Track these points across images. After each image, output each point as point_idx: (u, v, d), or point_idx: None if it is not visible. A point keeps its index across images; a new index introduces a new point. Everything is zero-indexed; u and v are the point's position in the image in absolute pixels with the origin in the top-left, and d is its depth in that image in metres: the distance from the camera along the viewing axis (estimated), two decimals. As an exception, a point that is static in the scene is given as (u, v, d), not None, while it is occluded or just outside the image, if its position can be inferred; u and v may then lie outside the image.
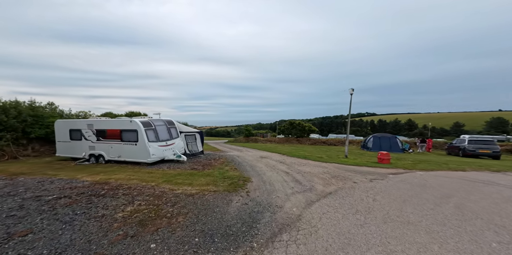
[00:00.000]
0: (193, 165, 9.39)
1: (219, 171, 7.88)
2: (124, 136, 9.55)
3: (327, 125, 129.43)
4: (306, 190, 5.74)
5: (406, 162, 11.10)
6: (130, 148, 9.48)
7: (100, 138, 9.99)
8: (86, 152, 10.29)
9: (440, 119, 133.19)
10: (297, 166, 9.52)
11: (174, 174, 7.26)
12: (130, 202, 4.38)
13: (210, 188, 5.56)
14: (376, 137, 19.87)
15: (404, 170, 8.63)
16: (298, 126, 30.48)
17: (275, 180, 6.80)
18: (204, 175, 7.22)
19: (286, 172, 8.15)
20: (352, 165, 9.91)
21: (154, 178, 6.70)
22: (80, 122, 10.50)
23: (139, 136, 9.24)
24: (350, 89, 12.96)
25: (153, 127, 9.88)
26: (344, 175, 7.67)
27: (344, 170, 8.61)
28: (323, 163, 10.59)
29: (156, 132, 9.90)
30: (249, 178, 6.97)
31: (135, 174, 7.25)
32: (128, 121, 9.43)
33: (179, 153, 10.75)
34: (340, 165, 10.00)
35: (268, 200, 4.87)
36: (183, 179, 6.48)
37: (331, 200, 4.82)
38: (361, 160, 11.93)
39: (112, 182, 6.11)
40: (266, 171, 8.37)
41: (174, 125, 11.45)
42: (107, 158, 9.90)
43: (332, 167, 9.55)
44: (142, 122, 9.47)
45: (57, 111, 13.59)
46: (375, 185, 6.11)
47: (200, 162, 10.30)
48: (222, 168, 8.72)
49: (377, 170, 8.69)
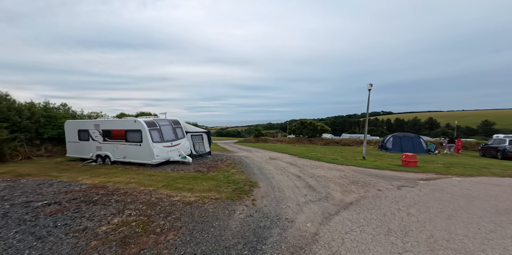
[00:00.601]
0: (198, 167, 8.90)
1: (224, 174, 7.29)
2: (129, 136, 9.30)
3: (339, 125, 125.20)
4: (321, 199, 4.95)
5: (436, 165, 9.79)
6: (134, 149, 9.21)
7: (106, 138, 9.84)
8: (93, 152, 10.22)
9: (465, 117, 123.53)
10: (309, 169, 8.69)
11: (175, 177, 6.77)
12: (120, 211, 3.89)
13: (211, 195, 4.95)
14: (397, 137, 18.29)
15: (436, 175, 7.47)
16: (309, 125, 29.27)
17: (285, 186, 6.05)
18: (207, 178, 6.65)
19: (298, 176, 7.37)
20: (372, 168, 8.87)
21: (154, 181, 6.24)
22: (87, 122, 10.46)
23: (143, 136, 8.92)
24: (368, 84, 11.83)
25: (158, 127, 9.54)
26: (365, 180, 6.73)
27: (364, 174, 7.64)
28: (339, 166, 9.64)
29: (161, 132, 9.56)
30: (256, 183, 6.29)
31: (136, 177, 6.86)
32: (132, 121, 9.16)
33: (184, 154, 10.34)
34: (358, 168, 9.00)
35: (277, 211, 4.16)
36: (184, 184, 5.95)
37: (354, 214, 3.99)
38: (382, 162, 10.78)
39: (110, 186, 5.73)
40: (275, 174, 7.65)
41: (180, 125, 11.07)
42: (113, 159, 9.72)
43: (349, 170, 8.59)
44: (146, 122, 9.15)
45: (70, 112, 13.83)
46: (405, 194, 5.15)
47: (205, 164, 9.80)
48: (228, 170, 8.13)
49: (403, 174, 7.62)
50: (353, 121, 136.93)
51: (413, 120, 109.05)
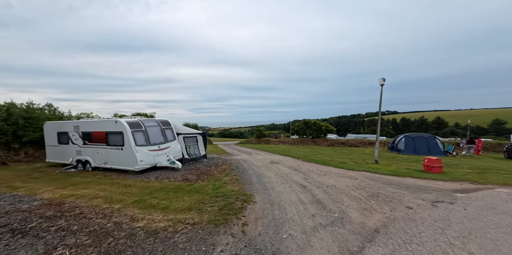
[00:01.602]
0: (188, 174, 7.74)
1: (214, 184, 6.11)
2: (110, 139, 8.22)
3: (343, 125, 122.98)
4: (335, 222, 3.73)
5: (464, 170, 8.41)
6: (116, 154, 8.11)
7: (86, 141, 8.79)
8: (73, 157, 9.17)
9: (475, 116, 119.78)
10: (316, 176, 7.44)
11: (155, 189, 5.61)
12: (48, 251, 2.72)
13: (189, 217, 3.78)
14: (409, 137, 16.84)
15: (472, 184, 6.13)
16: (313, 125, 27.92)
17: (288, 200, 4.84)
18: (192, 190, 5.47)
19: (303, 186, 6.14)
20: (390, 175, 7.57)
21: (127, 195, 5.10)
22: (66, 124, 9.42)
23: (125, 139, 7.82)
24: (380, 79, 10.53)
25: (143, 129, 8.44)
26: (386, 192, 5.46)
27: (382, 183, 6.36)
28: (349, 171, 8.36)
29: (146, 134, 8.45)
30: (252, 196, 5.09)
31: (107, 189, 5.73)
32: (113, 121, 8.07)
33: (173, 159, 9.21)
34: (372, 175, 7.71)
35: (275, 244, 2.96)
36: (161, 199, 4.78)
37: (386, 251, 2.76)
38: (398, 166, 9.44)
39: (68, 202, 4.61)
40: (275, 183, 6.44)
41: (170, 126, 9.96)
42: (94, 165, 8.65)
43: (363, 177, 7.31)
44: (129, 122, 8.06)
45: (56, 113, 12.88)
46: (447, 216, 3.88)
47: (197, 170, 8.65)
48: (221, 178, 6.95)
49: (430, 183, 6.30)
50: (358, 121, 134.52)
51: (420, 119, 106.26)
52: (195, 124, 35.30)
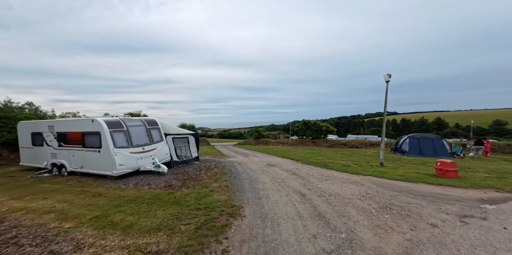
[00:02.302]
0: (172, 180, 6.89)
1: (199, 192, 5.26)
2: (87, 140, 7.36)
3: (343, 126, 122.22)
4: (342, 247, 2.89)
5: (480, 174, 7.58)
6: (93, 157, 7.25)
7: (61, 143, 7.92)
8: (48, 160, 8.30)
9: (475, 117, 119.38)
10: (316, 182, 6.60)
11: (127, 200, 4.75)
12: None
13: (154, 242, 2.93)
14: (414, 138, 16.03)
15: (498, 192, 5.27)
16: (313, 126, 27.09)
17: (283, 214, 4.00)
18: (171, 201, 4.62)
19: (301, 194, 5.30)
20: (400, 181, 6.72)
21: (88, 208, 4.23)
22: (41, 123, 8.55)
23: (103, 140, 6.96)
24: (386, 75, 9.74)
25: (124, 129, 7.59)
26: (399, 202, 4.62)
27: (393, 191, 5.52)
28: (354, 176, 7.52)
29: (128, 134, 7.60)
30: (240, 209, 4.25)
31: (70, 200, 4.85)
32: (90, 121, 7.21)
33: (161, 161, 8.36)
34: (380, 180, 6.87)
35: (263, 286, 2.12)
36: (128, 213, 3.92)
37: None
38: (406, 170, 8.62)
39: (10, 219, 3.73)
40: (270, 191, 5.59)
41: (157, 125, 9.11)
42: (69, 169, 7.77)
43: (370, 183, 6.47)
44: (108, 122, 7.20)
45: (38, 113, 12.02)
46: (487, 238, 3.04)
47: (185, 174, 7.79)
48: (208, 185, 6.09)
49: (448, 191, 5.46)
50: (357, 122, 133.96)
51: (420, 120, 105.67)
52: (192, 125, 34.38)
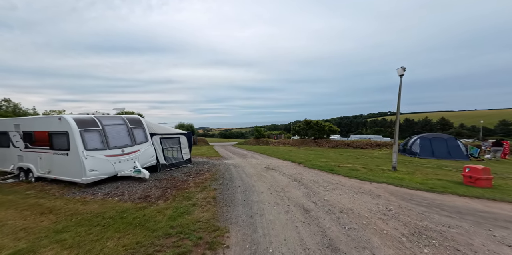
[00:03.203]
0: (152, 188, 5.84)
1: (176, 208, 4.19)
2: (54, 141, 6.33)
3: (346, 126, 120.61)
4: None
5: (517, 183, 6.43)
6: (61, 160, 6.22)
7: (28, 144, 6.91)
8: (15, 164, 7.31)
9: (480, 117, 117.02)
10: (322, 191, 5.51)
11: (82, 219, 3.70)
12: None
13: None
14: (425, 139, 14.85)
15: (558, 210, 4.16)
16: (316, 125, 25.94)
17: (281, 244, 2.92)
18: (135, 222, 3.55)
19: (305, 210, 4.22)
20: (422, 190, 5.60)
21: (19, 235, 3.18)
22: (6, 122, 7.53)
23: (71, 141, 5.93)
24: (399, 68, 8.61)
25: (99, 128, 6.55)
26: (435, 224, 3.51)
27: (419, 205, 4.41)
28: (366, 183, 6.42)
29: (104, 135, 6.56)
30: (225, 233, 3.18)
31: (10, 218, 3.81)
32: (56, 118, 6.17)
33: (145, 165, 7.33)
34: (399, 190, 5.76)
35: None
36: (66, 245, 2.85)
37: None
38: (424, 176, 7.50)
39: None
40: (267, 204, 4.52)
41: (142, 124, 8.08)
42: (36, 174, 6.75)
43: (387, 193, 5.37)
44: (78, 120, 6.17)
45: (16, 110, 11.05)
46: None
47: (170, 180, 6.74)
48: (192, 196, 5.03)
49: (490, 206, 4.33)
50: (360, 122, 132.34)
51: (424, 120, 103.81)
52: (190, 124, 33.31)
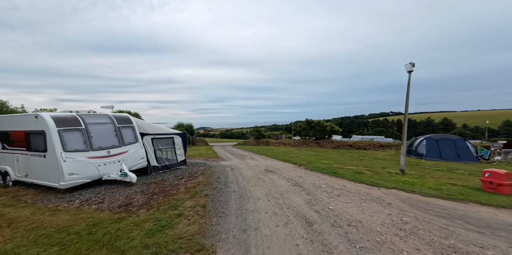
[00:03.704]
0: (137, 194, 5.27)
1: (158, 219, 3.62)
2: (32, 142, 5.78)
3: (347, 126, 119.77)
4: None
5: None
6: (38, 163, 5.66)
7: (5, 145, 6.36)
8: (-8, 166, 6.79)
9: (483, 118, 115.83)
10: (326, 198, 4.92)
11: (41, 235, 3.14)
12: None
13: None
14: (432, 140, 14.21)
15: None
16: (317, 126, 25.33)
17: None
18: (103, 240, 2.98)
19: (308, 222, 3.63)
20: (438, 198, 4.99)
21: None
22: (-16, 120, 7.03)
23: (48, 141, 5.38)
24: (408, 64, 8.01)
25: (82, 127, 5.99)
26: (464, 243, 2.92)
27: (439, 216, 3.81)
28: (373, 189, 5.81)
29: (87, 135, 6.00)
30: (211, 253, 2.61)
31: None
32: (33, 116, 5.62)
33: (134, 167, 6.77)
34: (410, 196, 5.16)
35: None
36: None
37: None
38: (436, 180, 6.89)
39: None
40: (263, 214, 3.93)
41: (131, 123, 7.52)
42: (13, 178, 6.20)
43: (399, 201, 4.77)
44: (57, 118, 5.61)
45: (4, 109, 10.55)
46: None
47: (159, 184, 6.18)
48: (180, 204, 4.45)
49: (524, 220, 3.73)
50: (361, 122, 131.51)
51: (426, 120, 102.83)
52: (189, 124, 32.77)
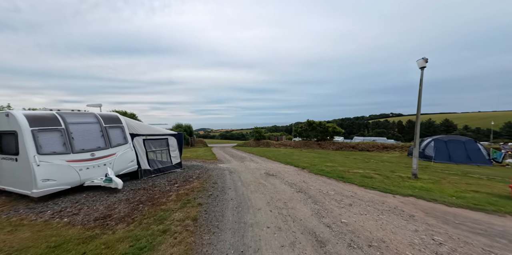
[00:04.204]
0: (120, 202, 4.61)
1: (136, 238, 2.97)
2: (3, 143, 5.13)
3: (347, 127, 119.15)
4: None
5: None
6: (9, 167, 5.00)
7: (-23, 146, 5.73)
8: (-36, 170, 6.13)
9: (484, 119, 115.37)
10: (337, 209, 4.27)
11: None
12: None
13: None
14: (441, 141, 13.58)
15: None
16: (318, 127, 24.71)
17: None
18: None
19: (319, 241, 2.98)
20: (464, 208, 4.35)
21: None
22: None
23: (20, 143, 4.73)
24: (420, 59, 7.40)
25: (62, 127, 5.35)
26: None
27: (476, 234, 3.15)
28: (388, 196, 5.16)
29: (67, 135, 5.36)
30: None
31: None
32: (3, 115, 4.97)
33: (117, 172, 6.11)
34: (433, 206, 4.51)
35: None
36: None
37: None
38: (455, 186, 6.24)
39: None
40: (265, 230, 3.27)
41: (120, 123, 6.89)
42: (-15, 183, 5.57)
43: (422, 212, 4.12)
44: (31, 117, 4.97)
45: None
46: None
47: (149, 190, 5.52)
48: (167, 216, 3.80)
49: None
50: (362, 123, 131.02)
51: (427, 122, 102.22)
52: (188, 125, 32.12)
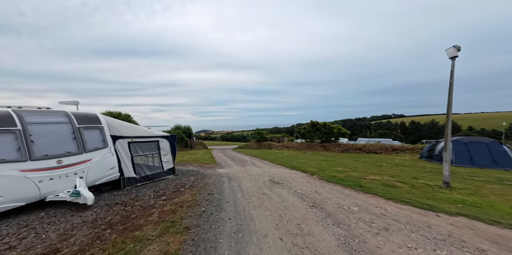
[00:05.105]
0: (82, 228, 3.50)
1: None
2: None
3: (349, 128, 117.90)
4: None
5: None
6: None
7: None
8: None
9: (488, 120, 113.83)
10: (370, 236, 3.13)
11: None
12: None
13: None
14: (461, 143, 12.40)
15: None
16: (323, 128, 23.59)
17: None
18: None
19: None
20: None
21: None
22: None
23: (-45, 148, 3.67)
24: (451, 48, 6.30)
25: (17, 128, 4.28)
26: None
27: None
28: (431, 216, 4.02)
29: (23, 138, 4.29)
30: None
31: None
32: None
33: (84, 185, 4.97)
34: (498, 231, 3.37)
35: None
36: None
37: None
38: (503, 198, 5.10)
39: None
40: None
41: (98, 123, 5.80)
42: None
43: (493, 247, 2.97)
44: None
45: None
46: None
47: (127, 206, 4.41)
48: (139, 251, 2.69)
49: None
50: (363, 125, 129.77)
51: (431, 122, 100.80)
52: (187, 127, 31.06)
